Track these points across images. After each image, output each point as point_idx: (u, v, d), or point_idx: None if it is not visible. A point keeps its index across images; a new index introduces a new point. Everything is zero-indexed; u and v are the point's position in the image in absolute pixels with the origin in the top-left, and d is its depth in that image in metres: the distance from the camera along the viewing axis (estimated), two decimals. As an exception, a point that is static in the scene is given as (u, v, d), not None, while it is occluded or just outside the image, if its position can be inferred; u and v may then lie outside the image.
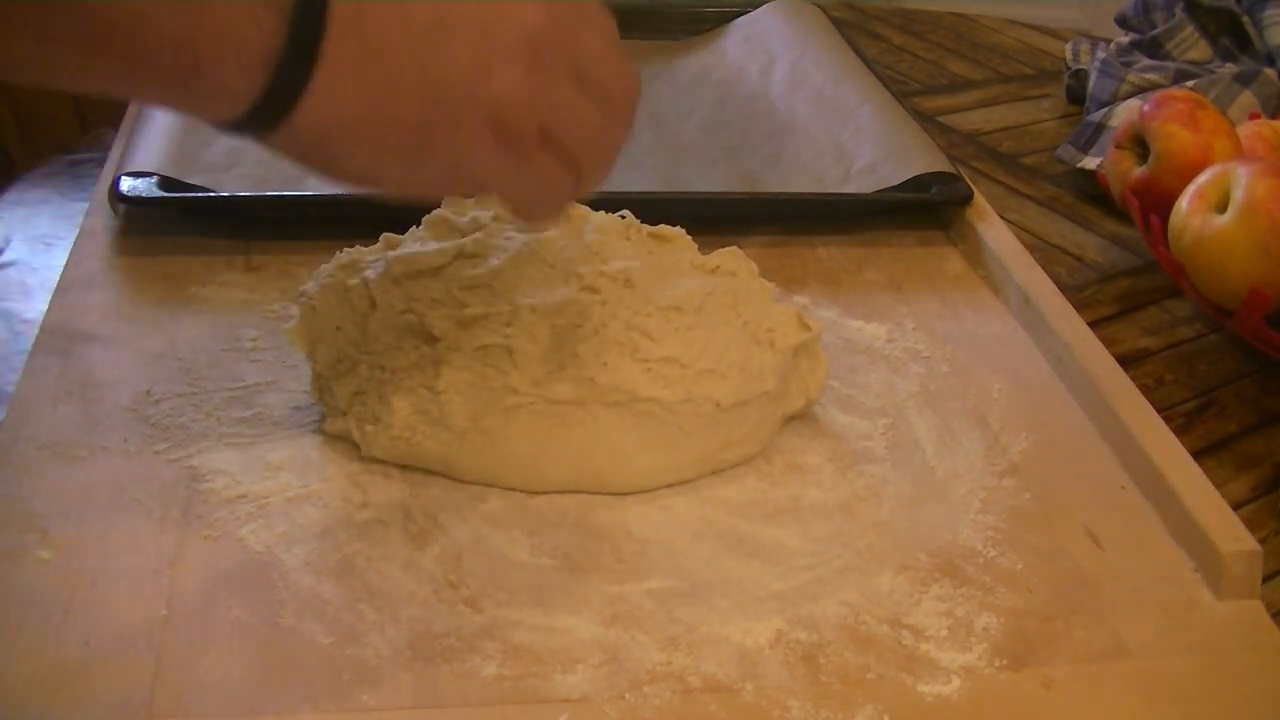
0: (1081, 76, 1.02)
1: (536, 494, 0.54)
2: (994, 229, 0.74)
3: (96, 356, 0.59)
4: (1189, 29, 1.00)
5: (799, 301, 0.68)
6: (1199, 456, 0.58)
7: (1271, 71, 0.92)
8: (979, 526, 0.54)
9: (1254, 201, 0.67)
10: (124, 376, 0.58)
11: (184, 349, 0.60)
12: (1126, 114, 0.82)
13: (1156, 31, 1.02)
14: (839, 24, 1.00)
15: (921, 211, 0.77)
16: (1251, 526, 0.53)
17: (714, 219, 0.74)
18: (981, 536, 0.53)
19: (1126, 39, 1.02)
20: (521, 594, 0.49)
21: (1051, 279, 0.69)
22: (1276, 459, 0.63)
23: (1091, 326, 0.66)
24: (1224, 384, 0.69)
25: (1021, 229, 0.82)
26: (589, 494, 0.54)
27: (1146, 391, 0.61)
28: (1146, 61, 0.95)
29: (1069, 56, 1.05)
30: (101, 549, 0.49)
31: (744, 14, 1.02)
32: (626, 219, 0.59)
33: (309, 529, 0.51)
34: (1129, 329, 0.73)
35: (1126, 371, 0.62)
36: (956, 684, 0.46)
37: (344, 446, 0.55)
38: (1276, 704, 0.47)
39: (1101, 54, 0.96)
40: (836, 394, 0.61)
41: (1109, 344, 0.64)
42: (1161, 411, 0.60)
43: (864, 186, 0.77)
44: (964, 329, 0.67)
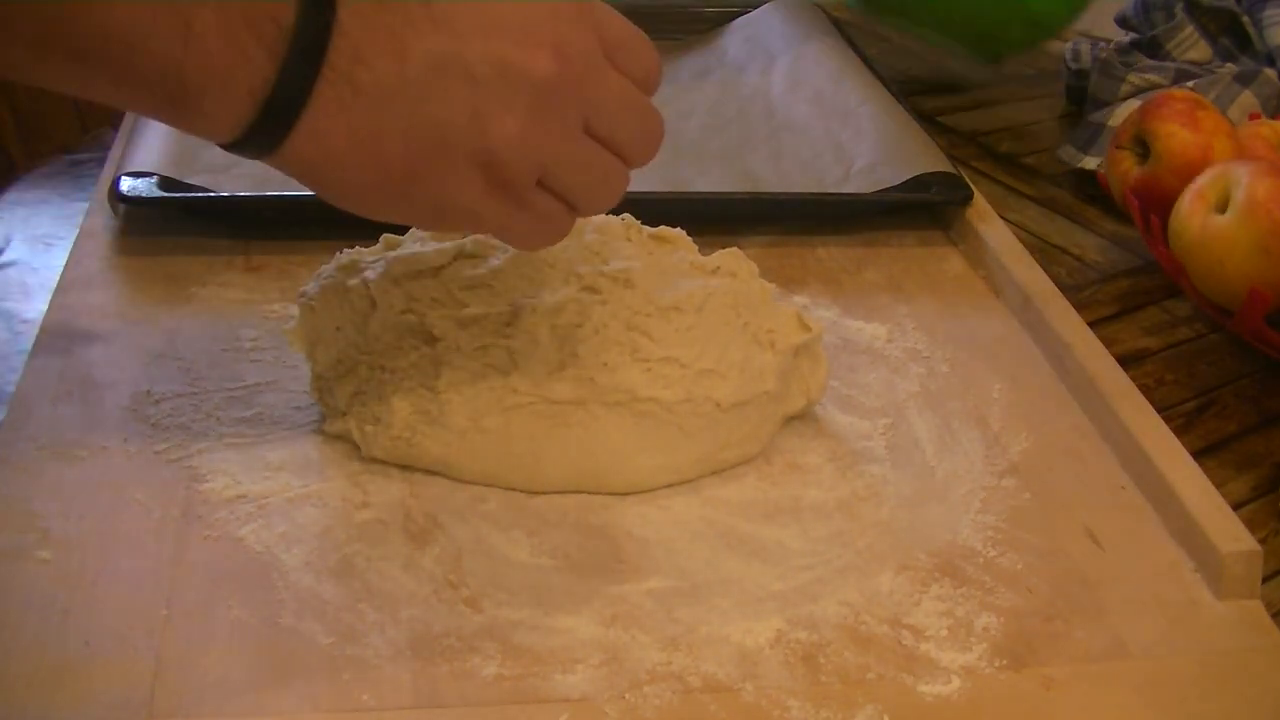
0: (1081, 76, 1.02)
1: (536, 494, 0.54)
2: (994, 229, 0.74)
3: (96, 356, 0.59)
4: (1189, 29, 1.00)
5: (799, 301, 0.68)
6: (1199, 456, 0.58)
7: (1271, 71, 0.92)
8: (979, 526, 0.54)
9: (1254, 201, 0.67)
10: (124, 376, 0.58)
11: (184, 349, 0.60)
12: (1126, 114, 0.82)
13: (1156, 31, 1.02)
14: (839, 24, 1.00)
15: (921, 211, 0.77)
16: (1251, 526, 0.53)
17: (714, 219, 0.74)
18: (981, 536, 0.53)
19: (1126, 39, 1.02)
20: (521, 594, 0.49)
21: (1051, 279, 0.69)
22: (1276, 459, 0.63)
23: (1091, 326, 0.66)
24: (1224, 384, 0.69)
25: (1021, 229, 0.82)
26: (589, 494, 0.54)
27: (1146, 391, 0.61)
28: (1146, 61, 0.95)
29: (1069, 56, 1.05)
30: (101, 549, 0.49)
31: (744, 14, 1.02)
32: (626, 220, 0.59)
33: (309, 529, 0.51)
34: (1129, 329, 0.73)
35: (1126, 371, 0.62)
36: (956, 684, 0.46)
37: (344, 446, 0.55)
38: (1276, 704, 0.47)
39: (1101, 54, 0.96)
40: (836, 394, 0.61)
41: (1109, 344, 0.64)
42: (1161, 411, 0.60)
43: (864, 186, 0.77)
44: (964, 329, 0.67)
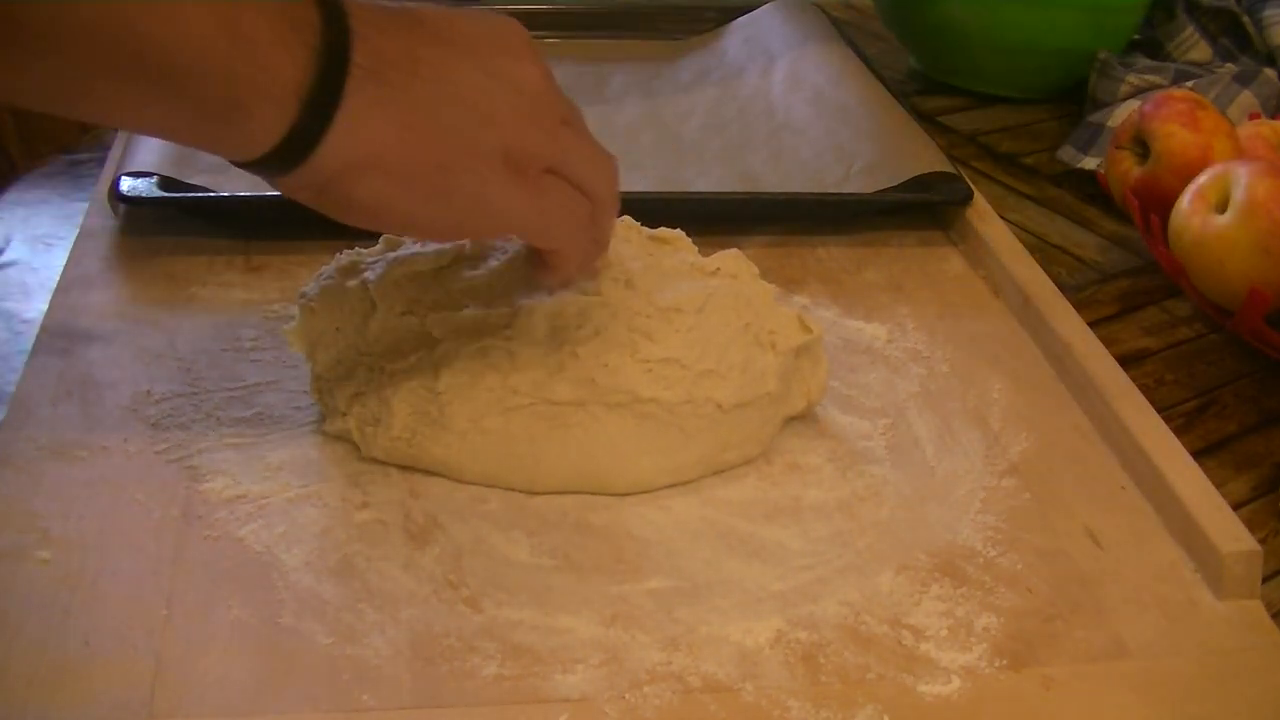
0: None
1: (536, 494, 0.54)
2: (994, 229, 0.74)
3: (96, 356, 0.59)
4: (1189, 29, 1.00)
5: (799, 302, 0.68)
6: (1199, 456, 0.58)
7: (1271, 71, 0.92)
8: (979, 526, 0.54)
9: (1254, 201, 0.67)
10: (124, 376, 0.58)
11: (184, 349, 0.60)
12: (1126, 114, 0.82)
13: (1156, 31, 1.02)
14: (839, 24, 1.00)
15: (921, 211, 0.77)
16: (1251, 526, 0.53)
17: (714, 219, 0.74)
18: (981, 536, 0.53)
19: (1126, 39, 1.02)
20: (521, 594, 0.49)
21: (1051, 279, 0.69)
22: (1276, 459, 0.63)
23: (1091, 326, 0.66)
24: (1224, 384, 0.69)
25: (1021, 229, 0.82)
26: (589, 494, 0.54)
27: (1146, 391, 0.61)
28: (1146, 62, 0.95)
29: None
30: (101, 549, 0.49)
31: (744, 14, 1.02)
32: (626, 221, 0.59)
33: (309, 529, 0.51)
34: (1129, 329, 0.73)
35: (1126, 371, 0.62)
36: (956, 684, 0.46)
37: (344, 446, 0.55)
38: (1276, 704, 0.47)
39: (1102, 54, 0.96)
40: (837, 394, 0.61)
41: (1109, 344, 0.64)
42: (1161, 411, 0.60)
43: (864, 186, 0.77)
44: (964, 329, 0.67)
